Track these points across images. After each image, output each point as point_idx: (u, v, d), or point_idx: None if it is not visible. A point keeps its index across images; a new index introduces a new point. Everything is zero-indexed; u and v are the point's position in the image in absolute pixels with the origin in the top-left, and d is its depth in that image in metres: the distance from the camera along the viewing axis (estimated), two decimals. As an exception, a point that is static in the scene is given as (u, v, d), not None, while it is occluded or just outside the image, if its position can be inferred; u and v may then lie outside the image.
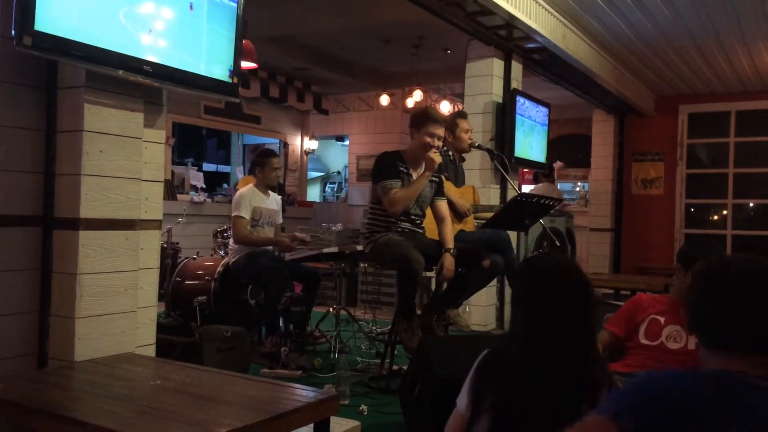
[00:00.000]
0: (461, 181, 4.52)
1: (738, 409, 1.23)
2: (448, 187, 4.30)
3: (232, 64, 2.78)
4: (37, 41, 2.12)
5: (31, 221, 2.47)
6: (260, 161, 4.83)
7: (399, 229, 3.73)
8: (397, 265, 3.55)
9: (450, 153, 4.41)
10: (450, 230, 3.80)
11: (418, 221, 3.85)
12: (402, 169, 3.73)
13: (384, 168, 3.70)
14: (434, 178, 3.82)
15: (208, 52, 2.69)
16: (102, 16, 2.30)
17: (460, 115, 4.58)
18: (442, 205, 3.87)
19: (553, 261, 1.82)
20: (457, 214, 4.34)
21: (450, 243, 3.71)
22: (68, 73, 2.45)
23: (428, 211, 3.92)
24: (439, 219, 3.83)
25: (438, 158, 3.65)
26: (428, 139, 3.67)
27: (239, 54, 2.81)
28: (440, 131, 3.72)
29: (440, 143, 3.74)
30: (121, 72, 2.38)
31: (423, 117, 3.74)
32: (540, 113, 6.05)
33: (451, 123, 4.42)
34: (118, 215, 2.52)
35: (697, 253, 2.84)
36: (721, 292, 1.37)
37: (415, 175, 3.75)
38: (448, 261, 3.61)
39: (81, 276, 2.40)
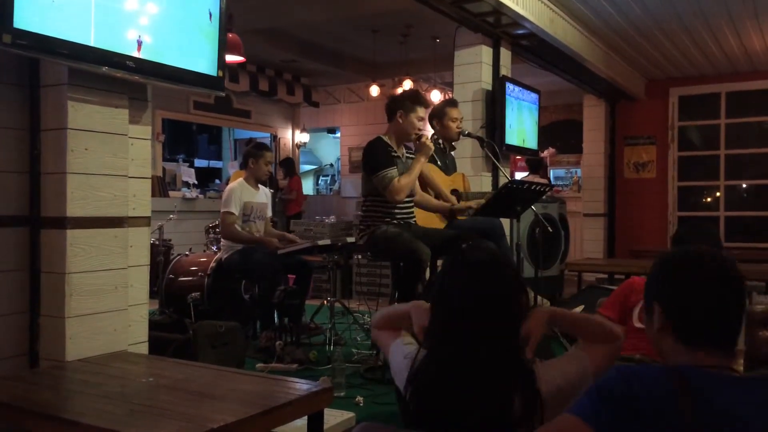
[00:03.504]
0: (452, 169, 4.52)
1: (696, 404, 1.22)
2: (439, 175, 4.29)
3: (216, 57, 2.75)
4: (16, 39, 2.09)
5: (17, 221, 2.45)
6: (255, 153, 4.81)
7: (395, 221, 3.74)
8: (403, 258, 3.57)
9: (440, 141, 4.41)
10: (430, 197, 4.08)
11: (410, 205, 3.88)
12: (393, 154, 3.78)
13: (378, 157, 3.73)
14: (413, 156, 3.91)
15: (192, 46, 2.66)
16: (84, 12, 2.27)
17: (449, 103, 4.57)
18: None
19: (479, 256, 1.60)
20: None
21: (447, 200, 4.04)
22: (50, 71, 2.42)
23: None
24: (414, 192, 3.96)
25: (431, 145, 3.76)
26: (419, 123, 3.78)
27: (224, 47, 2.79)
28: (424, 114, 3.85)
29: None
30: (104, 68, 2.35)
31: (413, 100, 3.82)
32: (530, 100, 6.03)
33: (440, 111, 4.42)
34: (105, 213, 2.50)
35: (692, 237, 2.84)
36: (701, 287, 1.34)
37: (400, 155, 3.83)
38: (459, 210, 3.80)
39: (70, 275, 2.38)
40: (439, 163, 4.33)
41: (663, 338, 1.38)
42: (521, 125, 5.82)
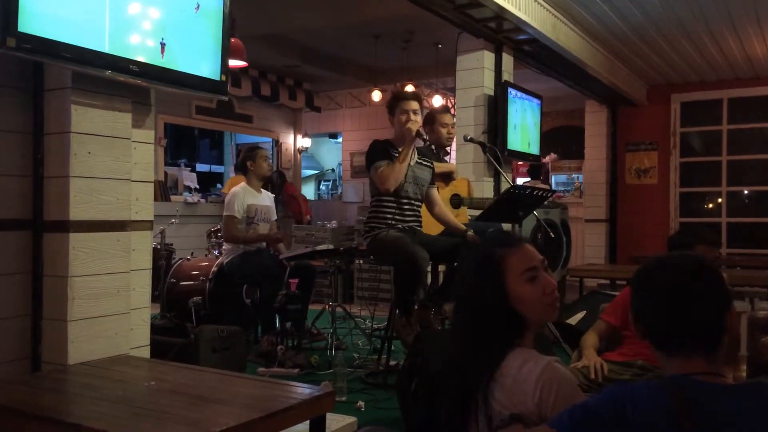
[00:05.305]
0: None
1: (692, 416, 1.19)
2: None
3: (219, 61, 2.76)
4: (21, 42, 2.09)
5: (20, 225, 2.45)
6: (249, 155, 4.90)
7: (399, 226, 3.73)
8: (400, 262, 3.55)
9: (433, 147, 4.41)
10: (450, 215, 3.99)
11: (417, 208, 3.86)
12: (393, 153, 3.77)
13: (374, 153, 3.77)
14: (426, 163, 3.90)
15: (196, 50, 2.67)
16: (88, 16, 2.28)
17: (440, 109, 4.59)
18: (434, 192, 3.99)
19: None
20: (445, 177, 4.33)
21: (460, 225, 3.86)
22: (54, 75, 2.42)
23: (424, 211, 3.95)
24: (435, 203, 3.94)
25: (414, 126, 3.71)
26: (403, 116, 3.76)
27: (227, 51, 2.79)
28: (412, 105, 3.79)
29: (417, 116, 3.79)
30: (108, 72, 2.35)
31: (393, 99, 3.89)
32: (532, 105, 6.03)
33: (431, 117, 4.44)
34: (108, 217, 2.50)
35: (687, 241, 2.85)
36: (654, 295, 1.34)
37: None
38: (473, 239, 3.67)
39: (72, 279, 2.38)
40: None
41: (652, 349, 1.37)
42: (523, 130, 5.82)
